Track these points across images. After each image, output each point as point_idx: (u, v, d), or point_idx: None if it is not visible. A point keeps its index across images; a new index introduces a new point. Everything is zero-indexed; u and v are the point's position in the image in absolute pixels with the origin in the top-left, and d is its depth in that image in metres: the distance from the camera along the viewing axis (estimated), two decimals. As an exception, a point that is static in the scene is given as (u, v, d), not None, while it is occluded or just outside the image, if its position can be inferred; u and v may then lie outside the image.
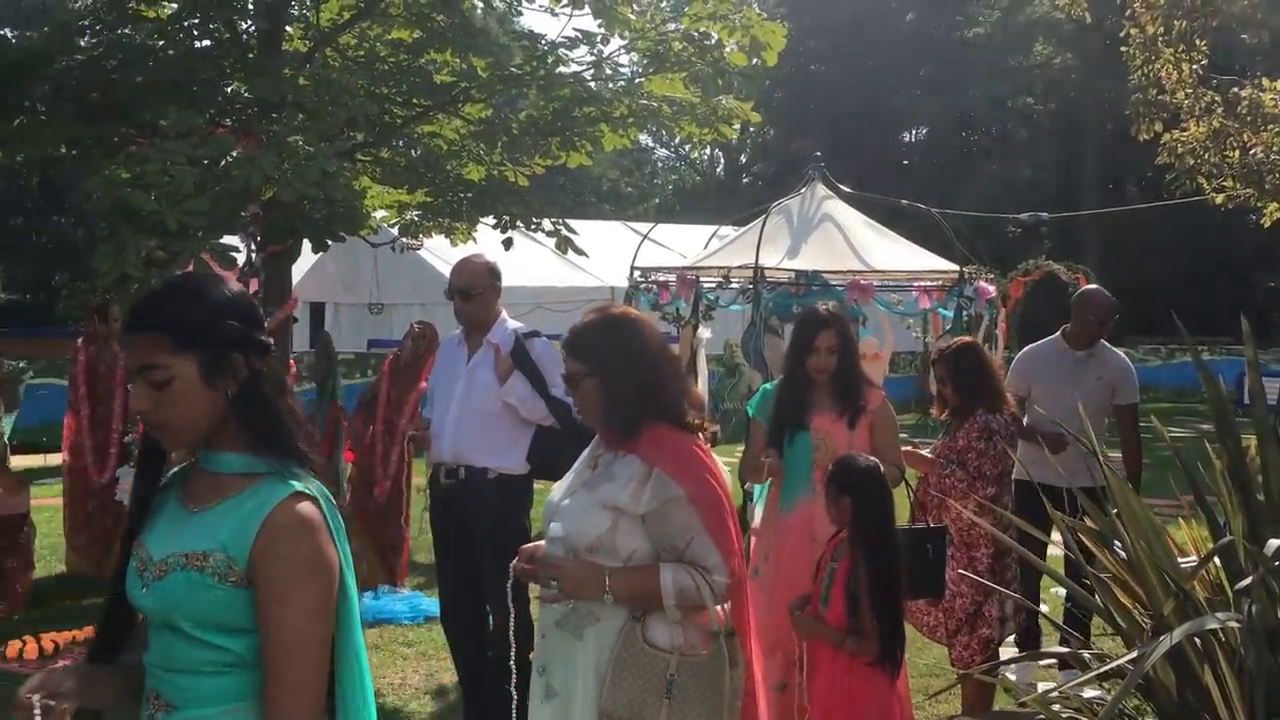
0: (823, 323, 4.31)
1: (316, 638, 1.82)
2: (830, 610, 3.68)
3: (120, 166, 5.25)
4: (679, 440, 2.71)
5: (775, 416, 4.35)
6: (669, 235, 18.53)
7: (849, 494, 3.65)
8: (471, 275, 4.64)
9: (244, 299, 1.96)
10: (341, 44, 7.29)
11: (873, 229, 10.13)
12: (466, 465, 4.55)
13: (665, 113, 7.39)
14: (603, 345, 2.78)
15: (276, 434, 1.90)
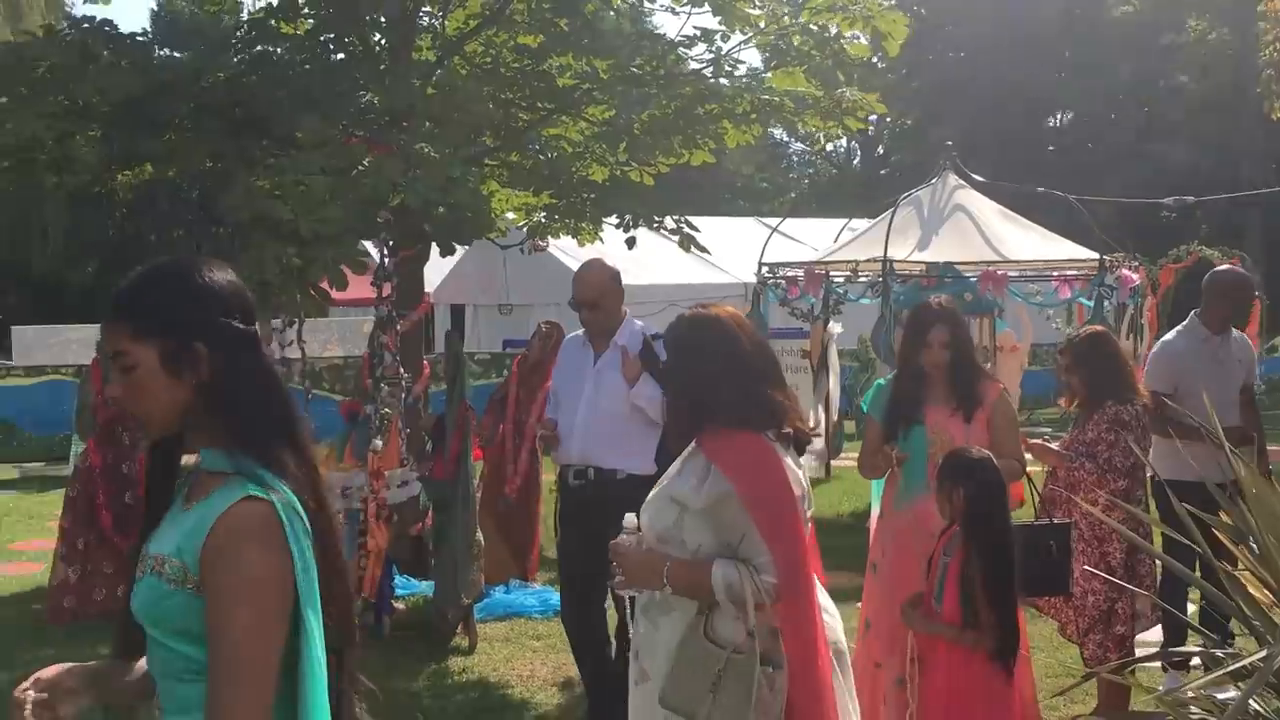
0: (935, 317, 4.25)
1: (257, 651, 1.70)
2: (945, 605, 3.62)
3: (259, 178, 5.51)
4: (742, 439, 2.71)
5: (889, 412, 4.30)
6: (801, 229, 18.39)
7: (961, 486, 3.59)
8: (596, 286, 4.67)
9: (222, 288, 1.83)
10: (468, 52, 7.48)
11: (1007, 218, 9.88)
12: (595, 466, 4.58)
13: (788, 107, 7.36)
14: (682, 344, 2.85)
15: (245, 431, 1.78)
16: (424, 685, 5.58)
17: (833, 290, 9.87)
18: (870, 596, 4.36)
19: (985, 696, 3.53)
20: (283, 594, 1.72)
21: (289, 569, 1.72)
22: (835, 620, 2.92)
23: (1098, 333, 4.89)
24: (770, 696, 2.62)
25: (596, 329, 4.71)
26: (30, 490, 11.05)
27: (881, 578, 4.27)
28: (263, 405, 1.81)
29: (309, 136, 5.66)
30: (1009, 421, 4.29)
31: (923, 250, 9.21)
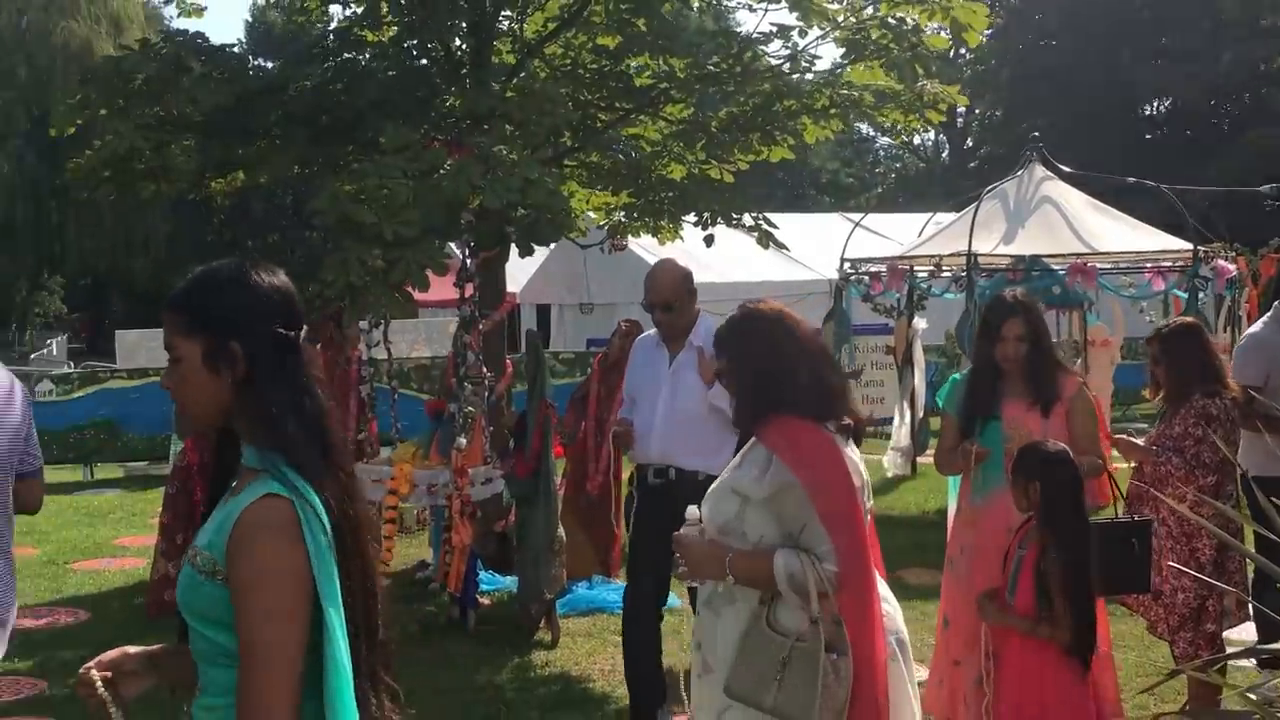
0: (1010, 310, 4.16)
1: (276, 641, 1.77)
2: (1018, 598, 3.59)
3: (343, 183, 5.65)
4: (803, 429, 2.75)
5: (965, 407, 4.23)
6: (886, 224, 18.19)
7: (1037, 479, 3.56)
8: (669, 288, 4.68)
9: (265, 292, 1.91)
10: (547, 54, 7.57)
11: (1097, 209, 9.67)
12: (676, 466, 4.59)
13: (868, 101, 7.32)
14: (736, 340, 2.90)
15: (275, 431, 1.84)
16: (508, 678, 5.67)
17: (916, 285, 9.75)
18: (949, 593, 4.33)
19: (1058, 690, 3.49)
20: (298, 586, 1.78)
21: (304, 563, 1.78)
22: (895, 611, 2.93)
23: (1186, 324, 4.77)
24: (836, 683, 2.64)
25: (671, 330, 4.72)
26: (134, 488, 11.45)
27: (959, 574, 4.22)
28: (294, 408, 1.86)
29: (391, 141, 5.78)
30: (1088, 416, 4.18)
31: (1008, 243, 9.06)
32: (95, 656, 2.02)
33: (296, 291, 1.98)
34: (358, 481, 1.97)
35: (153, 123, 6.32)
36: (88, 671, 1.96)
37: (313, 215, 5.69)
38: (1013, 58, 33.69)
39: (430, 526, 7.79)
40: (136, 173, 6.69)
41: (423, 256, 5.46)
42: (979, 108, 37.87)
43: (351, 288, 5.57)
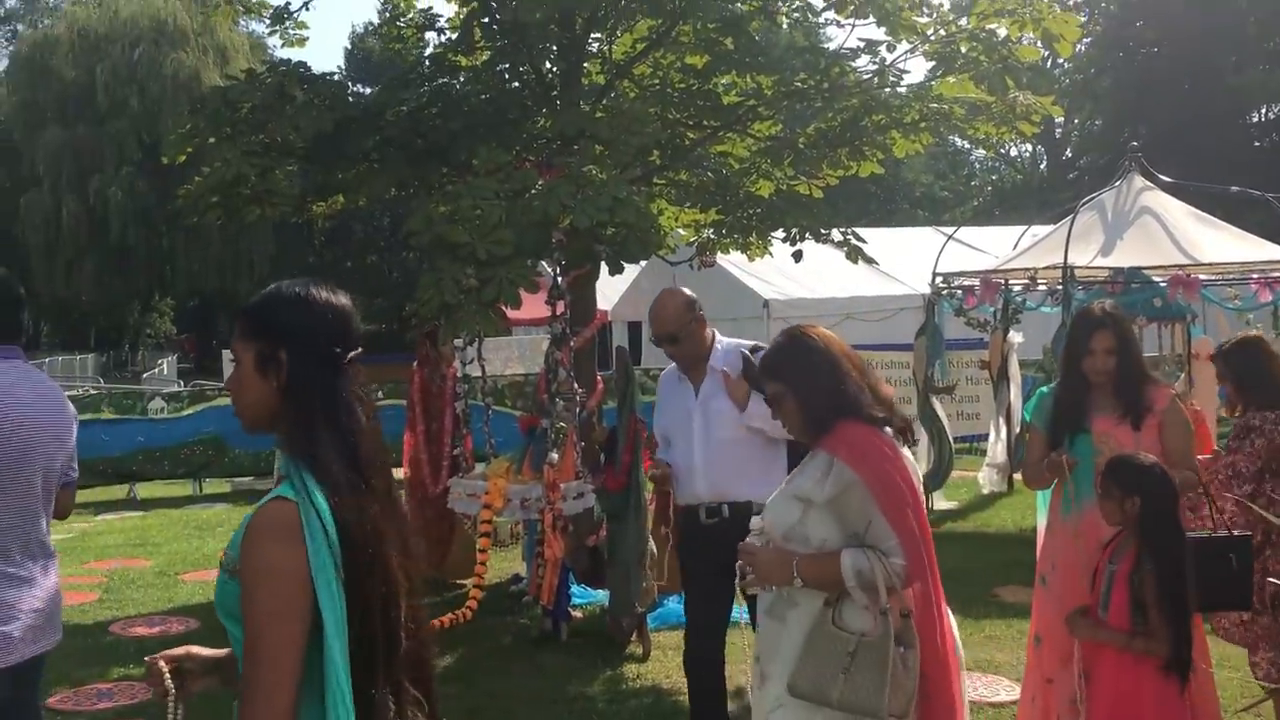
0: (1098, 323, 4.07)
1: (276, 640, 1.84)
2: (1112, 614, 3.54)
3: (438, 204, 5.79)
4: (861, 432, 2.83)
5: (1054, 421, 4.17)
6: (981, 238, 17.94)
7: (1133, 491, 3.52)
8: (672, 320, 4.46)
9: (320, 309, 2.02)
10: (636, 74, 7.67)
11: (1199, 220, 9.45)
12: (729, 501, 4.33)
13: (958, 114, 7.27)
14: (792, 363, 2.97)
15: (303, 439, 1.94)
16: (599, 690, 5.73)
17: (1011, 299, 9.62)
18: (1041, 610, 4.27)
19: (1155, 706, 3.43)
20: (297, 587, 1.85)
21: (304, 565, 1.85)
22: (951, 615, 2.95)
23: (1246, 339, 4.70)
24: (905, 675, 2.70)
25: (683, 360, 4.51)
26: (241, 503, 11.83)
27: (1051, 590, 4.16)
28: (325, 421, 1.95)
29: (483, 163, 5.92)
30: (1182, 429, 4.10)
31: (1106, 255, 8.90)
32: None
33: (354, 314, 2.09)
34: (395, 497, 2.05)
35: (258, 149, 6.56)
36: (155, 662, 2.10)
37: (408, 236, 5.84)
38: (1112, 66, 32.99)
39: (524, 540, 7.91)
40: (242, 197, 6.95)
41: (514, 275, 5.56)
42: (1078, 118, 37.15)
43: (446, 306, 5.70)
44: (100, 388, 21.07)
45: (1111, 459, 3.71)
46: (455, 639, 6.31)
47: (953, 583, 7.90)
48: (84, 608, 7.58)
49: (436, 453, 7.95)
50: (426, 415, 7.98)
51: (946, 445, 10.51)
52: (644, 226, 5.87)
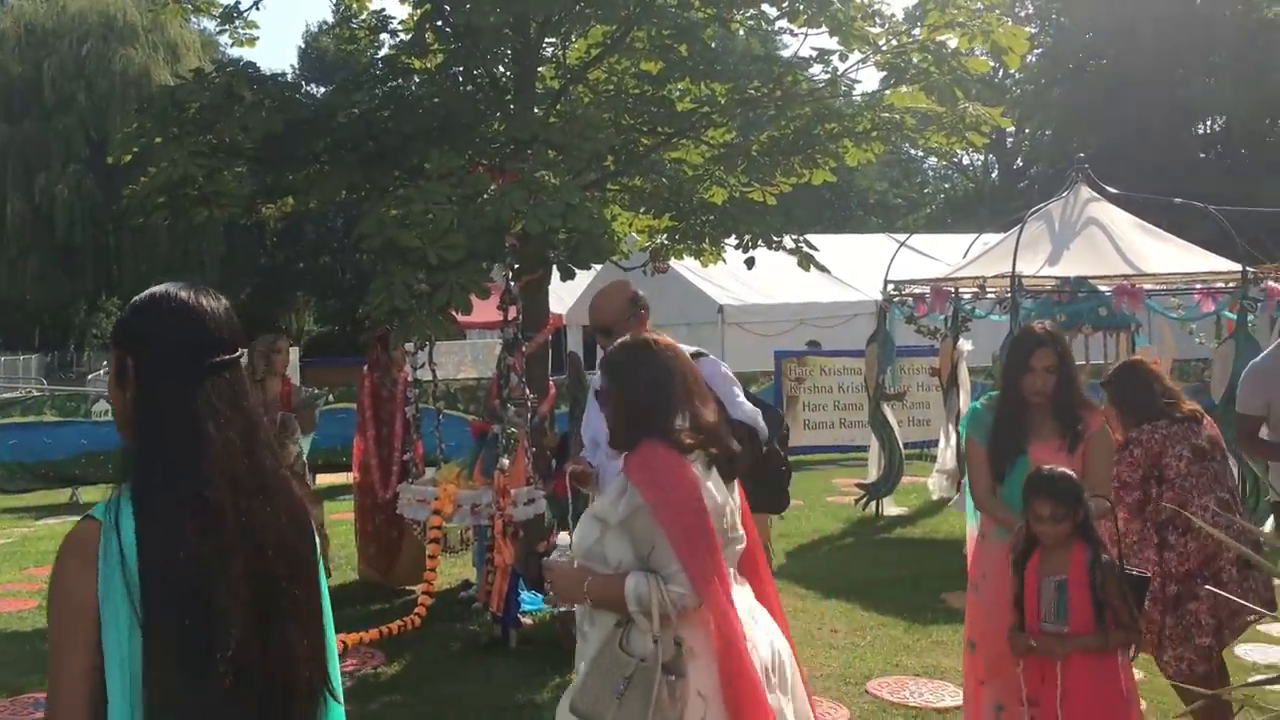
0: (1038, 341, 4.04)
1: (56, 673, 1.72)
2: (1075, 621, 3.58)
3: (389, 208, 5.75)
4: (659, 454, 2.81)
5: (995, 443, 4.12)
6: (934, 245, 18.13)
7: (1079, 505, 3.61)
8: (610, 312, 4.32)
9: (178, 314, 1.86)
10: (590, 79, 7.67)
11: (1144, 230, 9.61)
12: None
13: (909, 124, 7.35)
14: (624, 366, 2.96)
15: (135, 451, 1.80)
16: (548, 697, 5.70)
17: (961, 307, 9.73)
18: (974, 618, 4.28)
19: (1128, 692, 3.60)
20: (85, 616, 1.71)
21: (94, 593, 1.71)
22: (773, 636, 2.92)
23: (1126, 364, 4.87)
24: (669, 704, 2.67)
25: None
26: (186, 507, 11.66)
27: (983, 598, 4.18)
28: (159, 432, 1.80)
29: (436, 167, 5.88)
30: (1108, 455, 4.11)
31: (1053, 265, 9.03)
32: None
33: (219, 317, 1.90)
34: (264, 524, 1.82)
35: (205, 150, 6.47)
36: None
37: (360, 240, 5.80)
38: (1062, 78, 33.48)
39: (473, 546, 7.87)
40: (190, 198, 6.86)
41: (466, 280, 5.54)
42: (1028, 128, 37.65)
43: (397, 310, 5.66)
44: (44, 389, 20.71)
45: (1035, 479, 3.72)
46: (403, 645, 6.26)
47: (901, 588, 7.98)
48: (22, 615, 7.43)
49: (387, 457, 7.90)
50: (377, 419, 7.93)
51: (897, 451, 10.61)
52: (597, 232, 5.87)
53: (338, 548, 8.38)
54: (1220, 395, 8.70)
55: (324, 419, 10.17)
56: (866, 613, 6.87)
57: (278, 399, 7.21)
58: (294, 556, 1.85)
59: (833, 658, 6.18)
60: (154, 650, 1.69)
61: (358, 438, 8.07)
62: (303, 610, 1.85)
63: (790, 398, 13.96)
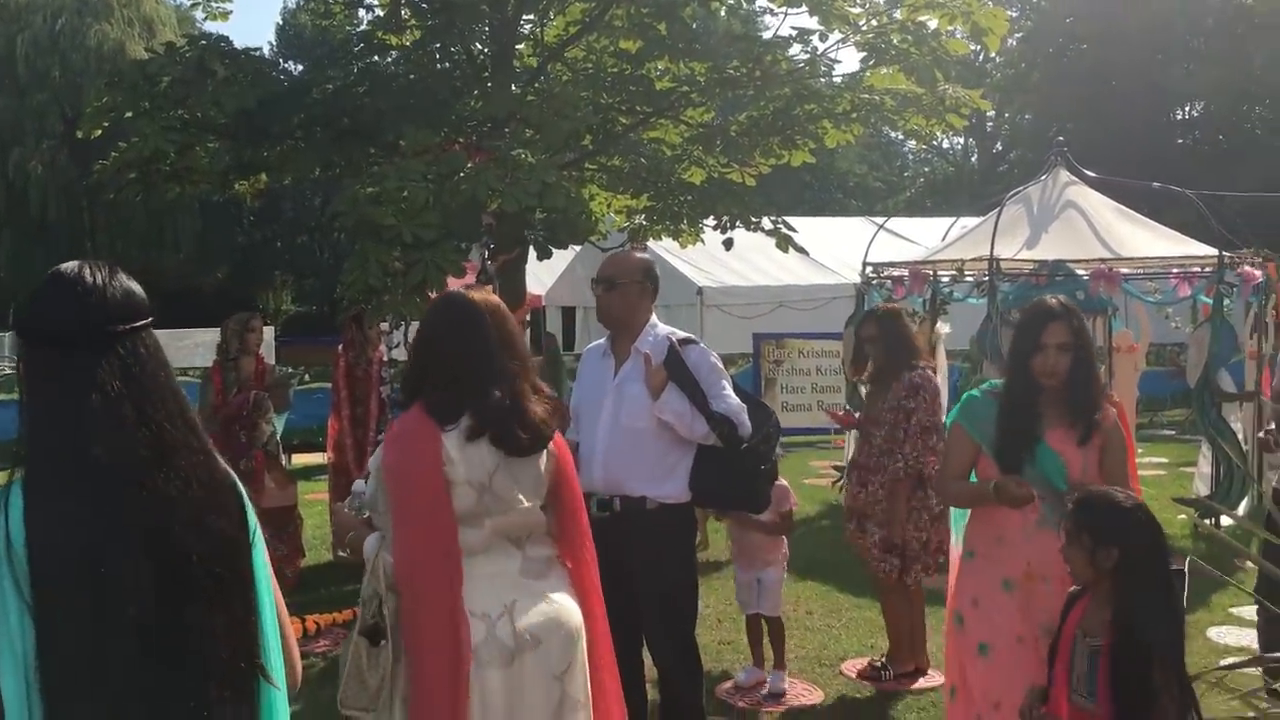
0: (1051, 315, 3.53)
1: None
2: (1102, 699, 2.85)
3: (363, 185, 5.69)
4: (410, 419, 2.80)
5: (1005, 428, 3.56)
6: (913, 228, 18.14)
7: (1115, 544, 2.88)
8: (619, 265, 4.13)
9: (54, 290, 1.81)
10: (569, 58, 7.61)
11: (1122, 215, 9.62)
12: (621, 495, 3.94)
13: (889, 105, 7.32)
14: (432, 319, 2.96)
15: (21, 435, 1.74)
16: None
17: (938, 290, 9.72)
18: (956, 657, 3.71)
19: None
20: None
21: None
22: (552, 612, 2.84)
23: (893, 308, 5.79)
24: (369, 668, 2.65)
25: (612, 316, 4.09)
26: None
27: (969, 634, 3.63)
28: (43, 410, 1.75)
29: (411, 144, 5.83)
30: (1123, 449, 3.64)
31: (1031, 248, 9.02)
32: None
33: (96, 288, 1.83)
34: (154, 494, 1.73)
35: (177, 125, 6.39)
36: None
37: (334, 217, 5.74)
38: (1043, 62, 33.52)
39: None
40: (162, 174, 6.78)
41: (441, 259, 5.49)
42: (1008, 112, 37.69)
43: (371, 289, 5.62)
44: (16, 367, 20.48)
45: (1082, 496, 3.11)
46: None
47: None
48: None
49: (362, 437, 7.85)
50: (352, 399, 7.88)
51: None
52: (574, 212, 5.83)
53: (313, 528, 8.32)
54: (1195, 379, 8.74)
55: (300, 399, 10.10)
56: (842, 594, 6.88)
57: (250, 377, 7.15)
58: (209, 532, 1.77)
59: (808, 639, 6.18)
60: (45, 635, 1.64)
61: (333, 417, 8.02)
62: (222, 587, 1.77)
63: (768, 380, 13.97)
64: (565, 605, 2.87)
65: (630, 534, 3.88)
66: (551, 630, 2.81)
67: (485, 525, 2.79)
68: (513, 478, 2.81)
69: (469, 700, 2.67)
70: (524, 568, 2.86)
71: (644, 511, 3.92)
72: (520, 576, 2.83)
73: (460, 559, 2.73)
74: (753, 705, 5.22)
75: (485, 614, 2.73)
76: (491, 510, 2.79)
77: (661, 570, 3.95)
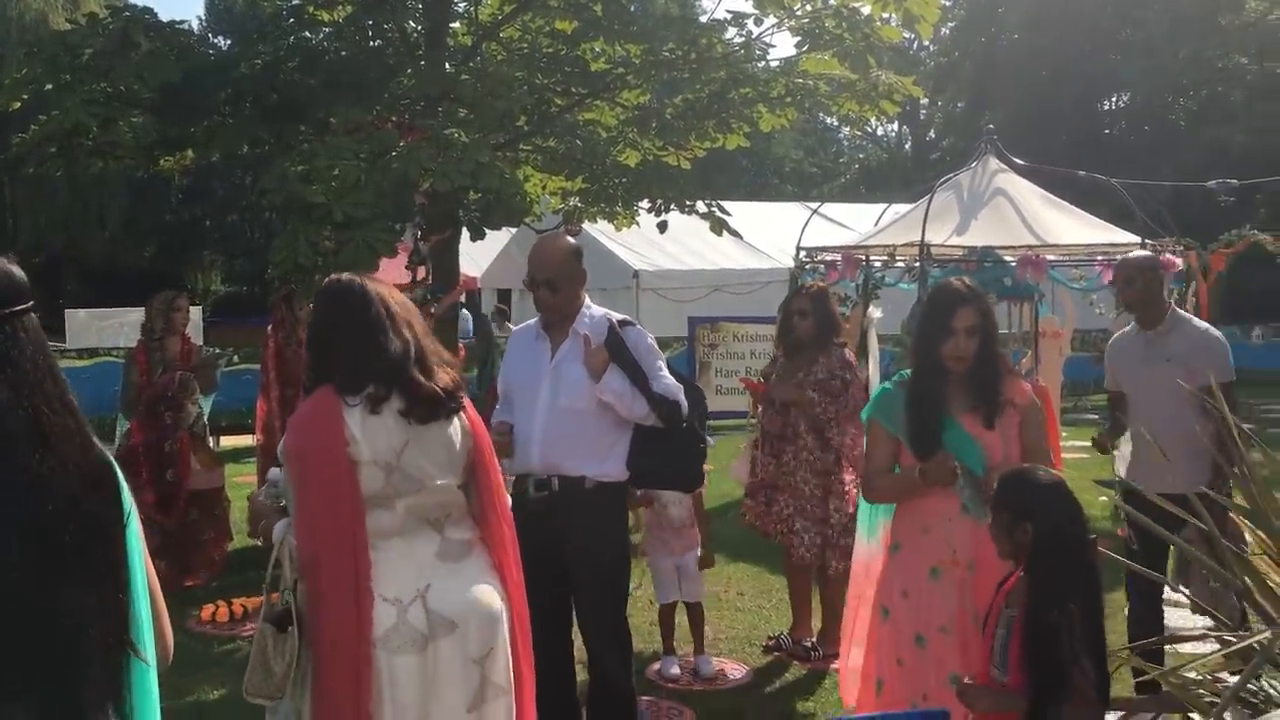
0: (960, 298, 3.51)
1: None
2: (1012, 671, 2.87)
3: (293, 163, 5.60)
4: (312, 401, 2.79)
5: (914, 414, 3.55)
6: (847, 214, 18.33)
7: (1029, 519, 2.90)
8: (554, 263, 3.98)
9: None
10: (504, 37, 7.54)
11: (1049, 203, 9.79)
12: (560, 475, 3.91)
13: (823, 91, 7.36)
14: (324, 305, 2.94)
15: None
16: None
17: (871, 275, 9.82)
18: (878, 647, 3.72)
19: None
20: None
21: None
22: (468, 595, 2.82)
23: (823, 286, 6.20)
24: (274, 655, 2.66)
25: (553, 313, 4.03)
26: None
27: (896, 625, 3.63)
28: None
29: (342, 121, 5.74)
30: (1041, 425, 3.68)
31: (961, 234, 9.15)
32: None
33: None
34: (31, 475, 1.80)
35: (100, 98, 6.21)
36: None
37: (262, 195, 5.63)
38: (974, 51, 33.96)
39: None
40: (84, 148, 6.60)
41: (373, 238, 5.41)
42: (941, 100, 38.18)
43: (301, 268, 5.53)
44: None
45: (1003, 475, 3.13)
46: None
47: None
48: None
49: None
50: (282, 381, 7.75)
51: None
52: (508, 192, 5.77)
53: (241, 510, 8.19)
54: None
55: (228, 380, 9.93)
56: (774, 576, 6.94)
57: (176, 358, 7.02)
58: (83, 513, 1.82)
59: (738, 620, 6.24)
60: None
61: (261, 399, 7.89)
62: (94, 567, 1.83)
63: (703, 363, 14.02)
64: (484, 588, 2.85)
65: (566, 513, 3.88)
66: (469, 614, 2.79)
67: (398, 506, 2.76)
68: (423, 452, 2.79)
69: (371, 687, 2.65)
70: (442, 550, 2.83)
71: (582, 490, 3.91)
72: (437, 560, 2.81)
73: (365, 542, 2.70)
74: (683, 686, 5.25)
75: (397, 599, 2.71)
76: (402, 490, 2.76)
77: (596, 550, 3.94)
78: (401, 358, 2.77)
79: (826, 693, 5.19)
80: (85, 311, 18.94)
